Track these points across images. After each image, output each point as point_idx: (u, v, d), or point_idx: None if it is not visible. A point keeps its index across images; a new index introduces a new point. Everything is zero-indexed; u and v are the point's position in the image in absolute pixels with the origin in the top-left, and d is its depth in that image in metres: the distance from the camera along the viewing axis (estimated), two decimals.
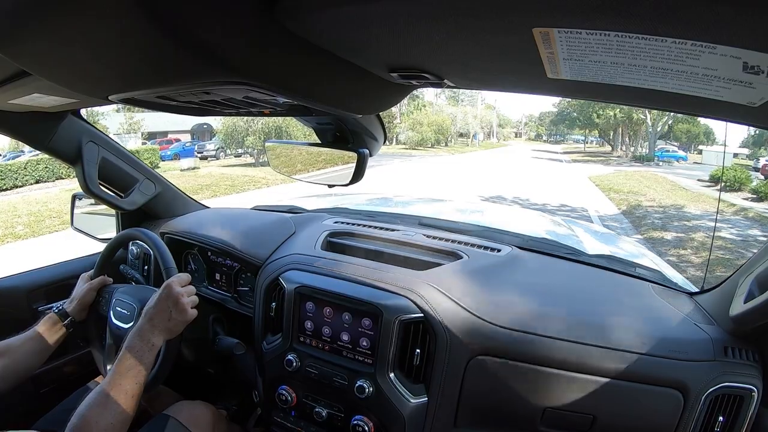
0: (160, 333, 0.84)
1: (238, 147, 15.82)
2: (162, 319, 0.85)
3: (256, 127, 14.52)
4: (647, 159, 23.55)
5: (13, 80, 0.72)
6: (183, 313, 0.87)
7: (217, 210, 1.56)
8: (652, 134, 25.33)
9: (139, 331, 0.83)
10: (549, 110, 44.25)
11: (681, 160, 25.87)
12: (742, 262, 0.83)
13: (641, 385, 0.77)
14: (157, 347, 0.83)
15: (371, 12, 0.36)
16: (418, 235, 1.13)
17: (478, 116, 38.57)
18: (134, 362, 0.79)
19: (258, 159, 15.10)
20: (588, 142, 43.99)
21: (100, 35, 0.36)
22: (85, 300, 1.04)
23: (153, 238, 1.02)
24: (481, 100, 41.39)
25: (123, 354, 0.80)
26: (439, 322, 0.86)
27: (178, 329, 0.87)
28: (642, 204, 9.13)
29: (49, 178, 11.80)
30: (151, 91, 0.50)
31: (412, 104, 30.76)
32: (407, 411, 0.88)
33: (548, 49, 0.37)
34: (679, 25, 0.30)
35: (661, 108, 0.55)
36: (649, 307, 0.90)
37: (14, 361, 0.91)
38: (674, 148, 28.95)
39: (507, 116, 62.28)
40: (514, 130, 62.49)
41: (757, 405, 0.76)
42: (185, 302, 0.88)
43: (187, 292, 0.90)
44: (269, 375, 1.04)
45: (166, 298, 0.87)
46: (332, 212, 1.42)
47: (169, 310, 0.86)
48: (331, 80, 0.53)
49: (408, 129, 28.57)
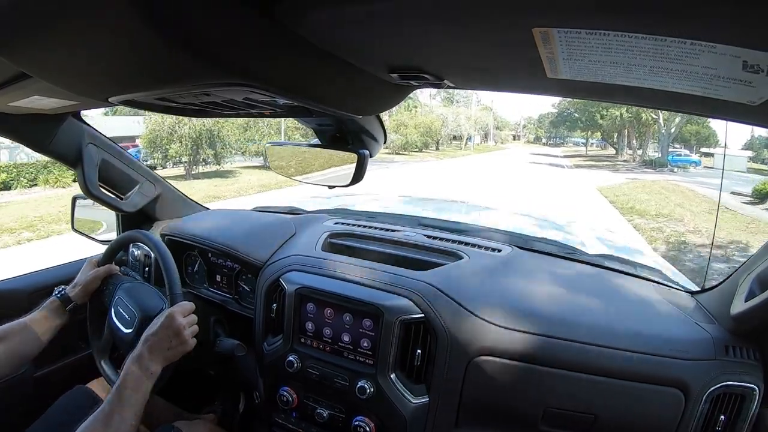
0: (158, 361, 0.84)
1: (163, 157, 12.23)
2: (161, 349, 0.85)
3: (182, 131, 11.54)
4: (660, 164, 20.55)
5: (13, 83, 0.72)
6: (183, 345, 0.87)
7: (218, 211, 1.56)
8: (665, 136, 22.27)
9: (138, 360, 0.82)
10: (548, 111, 41.67)
11: (695, 165, 22.15)
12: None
13: (642, 385, 0.77)
14: (156, 375, 0.83)
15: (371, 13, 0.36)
16: (419, 235, 1.13)
17: (472, 117, 35.31)
18: (133, 390, 0.79)
19: (190, 171, 12.09)
20: (589, 145, 42.01)
21: (100, 38, 0.36)
22: (89, 287, 1.04)
23: (158, 244, 1.01)
24: (476, 101, 39.03)
25: (122, 381, 0.80)
26: (440, 323, 0.86)
27: (175, 358, 0.87)
28: (686, 239, 6.27)
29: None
30: (150, 92, 0.50)
31: (402, 104, 29.61)
32: (408, 411, 0.88)
33: (548, 49, 0.37)
34: (679, 24, 0.30)
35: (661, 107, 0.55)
36: (650, 306, 0.90)
37: (14, 345, 0.90)
38: (686, 152, 25.59)
39: (505, 118, 59.77)
40: (513, 132, 60.39)
41: (758, 404, 0.75)
42: (187, 334, 0.88)
43: (189, 323, 0.89)
44: (270, 376, 1.04)
45: (167, 327, 0.86)
46: (332, 213, 1.42)
47: (170, 340, 0.85)
48: (331, 81, 0.53)
49: (391, 131, 25.80)
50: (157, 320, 0.88)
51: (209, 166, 12.92)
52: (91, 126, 1.20)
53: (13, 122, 1.02)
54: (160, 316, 0.88)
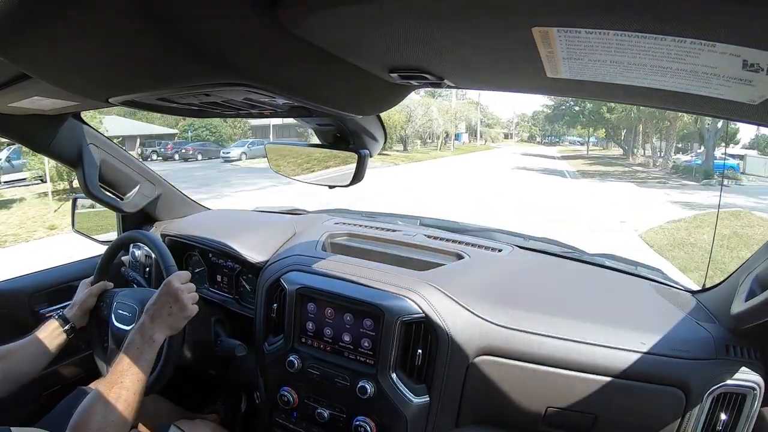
0: (160, 329, 0.84)
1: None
2: (162, 315, 0.85)
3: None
4: (705, 174, 14.74)
5: (13, 83, 0.72)
6: (184, 309, 0.87)
7: (218, 211, 1.56)
8: (711, 134, 16.15)
9: (139, 328, 0.83)
10: (544, 106, 36.18)
11: (732, 169, 16.66)
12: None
13: (643, 384, 0.77)
14: (158, 343, 0.83)
15: (371, 12, 0.36)
16: (419, 235, 1.13)
17: (450, 111, 29.20)
18: (135, 358, 0.79)
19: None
20: (589, 144, 38.15)
21: (101, 38, 0.36)
22: (85, 305, 1.04)
23: (154, 239, 1.02)
24: (460, 94, 32.78)
25: (123, 351, 0.80)
26: (441, 323, 0.86)
27: (179, 325, 0.87)
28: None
29: None
30: (151, 93, 0.50)
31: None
32: (409, 411, 0.88)
33: (548, 49, 0.37)
34: (679, 23, 0.30)
35: (661, 107, 0.55)
36: (651, 305, 0.90)
37: (14, 365, 0.90)
38: (727, 155, 19.37)
39: (496, 115, 55.93)
40: (505, 130, 56.27)
41: (759, 403, 0.75)
42: (186, 298, 0.88)
43: (187, 289, 0.90)
44: (271, 376, 1.04)
45: (166, 293, 0.87)
46: (333, 213, 1.42)
47: (170, 305, 0.86)
48: (331, 81, 0.53)
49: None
50: (156, 292, 0.88)
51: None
52: (92, 126, 1.20)
53: (13, 123, 1.02)
54: (159, 289, 0.89)
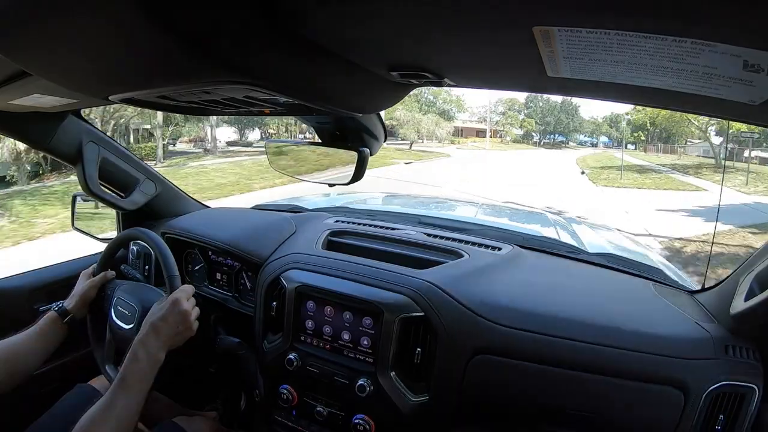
0: (164, 348, 0.84)
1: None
2: (169, 335, 0.85)
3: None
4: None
5: (13, 81, 0.72)
6: (189, 330, 0.87)
7: (218, 209, 1.57)
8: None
9: (145, 345, 0.82)
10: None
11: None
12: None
13: (641, 384, 0.77)
14: (161, 362, 0.83)
15: (372, 11, 0.36)
16: (419, 233, 1.13)
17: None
18: (140, 376, 0.79)
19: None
20: (593, 145, 28.92)
21: (101, 36, 0.36)
22: (86, 297, 1.04)
23: (155, 239, 1.02)
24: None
25: (128, 366, 0.79)
26: (440, 321, 0.86)
27: (180, 343, 0.87)
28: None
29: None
30: (151, 91, 0.50)
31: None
32: (408, 409, 0.88)
33: (548, 48, 0.37)
34: (680, 23, 0.30)
35: (661, 106, 0.55)
36: (650, 305, 0.90)
37: (14, 360, 0.90)
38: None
39: (461, 98, 33.41)
40: (478, 125, 36.68)
41: (757, 403, 0.75)
42: (191, 320, 0.88)
43: (192, 307, 0.90)
44: (270, 374, 1.04)
45: (176, 313, 0.86)
46: (333, 211, 1.42)
47: (177, 326, 0.86)
48: (332, 80, 0.53)
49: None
50: (163, 305, 0.88)
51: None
52: (92, 124, 1.20)
53: (13, 120, 1.02)
54: (164, 301, 0.88)
